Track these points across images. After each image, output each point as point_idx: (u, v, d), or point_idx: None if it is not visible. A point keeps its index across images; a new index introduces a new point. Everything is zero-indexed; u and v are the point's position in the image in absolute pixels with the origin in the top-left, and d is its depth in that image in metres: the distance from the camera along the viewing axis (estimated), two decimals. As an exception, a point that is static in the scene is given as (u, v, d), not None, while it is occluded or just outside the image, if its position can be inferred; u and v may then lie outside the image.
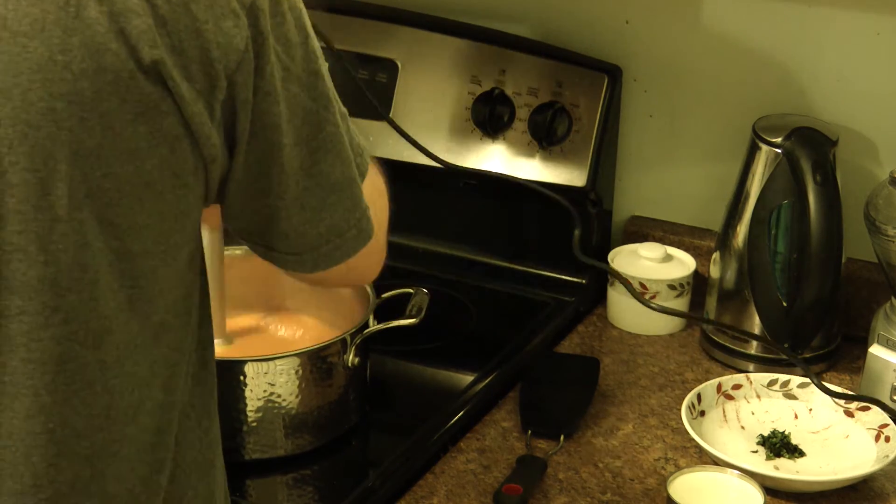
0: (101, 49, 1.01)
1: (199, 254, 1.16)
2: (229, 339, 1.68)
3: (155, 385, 1.12)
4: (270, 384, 1.54)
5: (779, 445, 1.63)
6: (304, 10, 1.13)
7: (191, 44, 1.03)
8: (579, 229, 1.84)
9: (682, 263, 1.92)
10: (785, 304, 1.77)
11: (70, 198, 1.02)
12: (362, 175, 1.20)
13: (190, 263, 1.13)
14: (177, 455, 1.17)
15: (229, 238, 1.54)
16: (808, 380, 1.71)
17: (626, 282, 1.78)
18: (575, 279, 1.97)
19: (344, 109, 1.18)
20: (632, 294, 1.75)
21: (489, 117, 1.93)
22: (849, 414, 1.67)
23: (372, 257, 1.26)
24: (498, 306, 1.97)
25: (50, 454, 1.07)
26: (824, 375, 1.79)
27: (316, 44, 1.14)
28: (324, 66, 1.14)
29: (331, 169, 1.15)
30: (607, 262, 1.90)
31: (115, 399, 1.09)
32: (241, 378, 1.53)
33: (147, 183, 1.05)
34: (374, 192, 1.23)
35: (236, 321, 1.72)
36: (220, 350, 1.64)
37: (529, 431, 1.64)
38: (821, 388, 1.65)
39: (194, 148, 1.07)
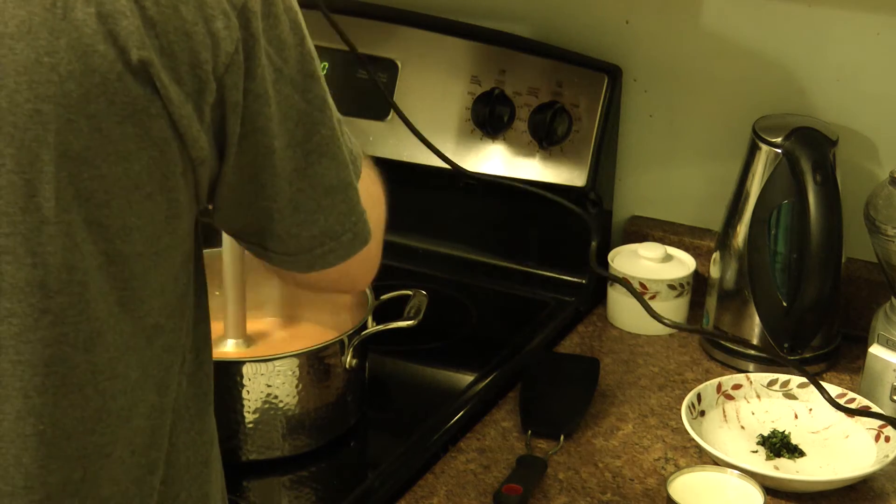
0: (89, 51, 1.00)
1: (194, 255, 1.15)
2: (249, 340, 1.68)
3: (148, 387, 1.12)
4: (268, 385, 1.54)
5: (779, 445, 1.63)
6: (299, 13, 1.12)
7: (180, 45, 1.03)
8: (596, 241, 1.83)
9: (682, 263, 1.92)
10: (785, 304, 1.77)
11: (57, 200, 1.02)
12: (357, 178, 1.19)
13: (184, 265, 1.13)
14: (170, 456, 1.16)
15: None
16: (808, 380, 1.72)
17: (635, 292, 1.77)
18: (575, 279, 1.97)
19: (339, 115, 1.17)
20: (642, 305, 1.73)
21: (489, 117, 1.94)
22: (849, 414, 1.67)
23: (365, 264, 1.25)
24: (498, 306, 1.97)
25: (40, 456, 1.07)
26: (824, 375, 1.80)
27: (312, 46, 1.12)
28: (320, 69, 1.13)
29: (326, 171, 1.14)
30: (607, 263, 1.90)
31: (108, 402, 1.09)
32: (239, 379, 1.53)
33: (136, 185, 1.04)
34: (368, 200, 1.22)
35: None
36: (220, 351, 1.64)
37: (529, 431, 1.64)
38: (826, 398, 1.65)
39: (183, 150, 1.06)
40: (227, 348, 1.65)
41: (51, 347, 1.05)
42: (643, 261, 1.90)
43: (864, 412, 1.64)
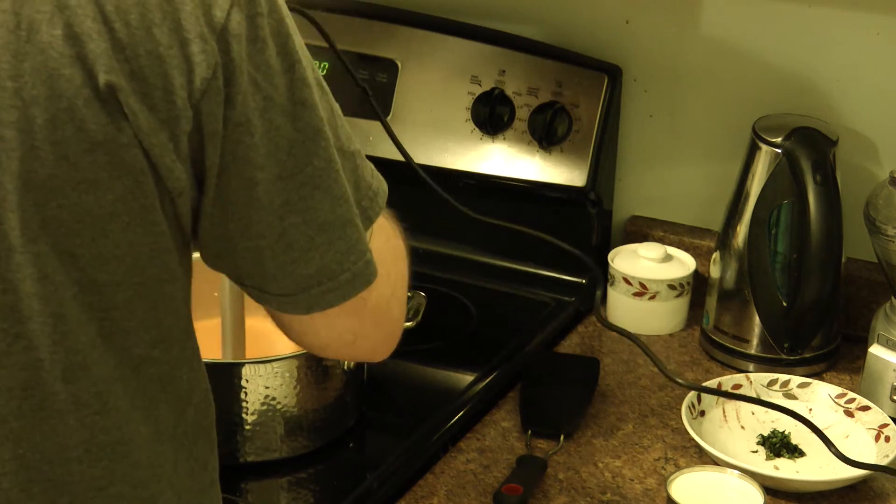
0: (55, 75, 0.96)
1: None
2: None
3: (139, 420, 1.08)
4: (267, 387, 1.53)
5: (779, 445, 1.63)
6: (293, 36, 1.06)
7: (151, 70, 0.98)
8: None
9: (682, 263, 1.92)
10: (785, 304, 1.77)
11: (23, 228, 0.98)
12: (369, 219, 1.13)
13: (185, 300, 1.09)
14: (172, 485, 1.13)
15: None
16: (808, 380, 1.71)
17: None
18: (575, 279, 1.97)
19: (352, 148, 1.11)
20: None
21: (489, 117, 1.93)
22: (849, 414, 1.67)
23: (384, 326, 1.20)
24: (498, 306, 1.97)
25: (21, 480, 1.04)
26: (824, 375, 1.80)
27: (307, 73, 1.06)
28: (315, 96, 1.07)
29: (319, 206, 1.07)
30: (607, 263, 1.90)
31: (97, 435, 1.06)
32: (238, 381, 1.53)
33: (111, 214, 1.00)
34: (387, 254, 1.17)
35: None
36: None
37: (529, 431, 1.64)
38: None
39: (158, 180, 1.01)
40: None
41: (26, 371, 1.02)
42: (643, 261, 1.90)
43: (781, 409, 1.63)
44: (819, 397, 1.69)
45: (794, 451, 1.63)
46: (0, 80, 0.96)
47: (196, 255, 1.12)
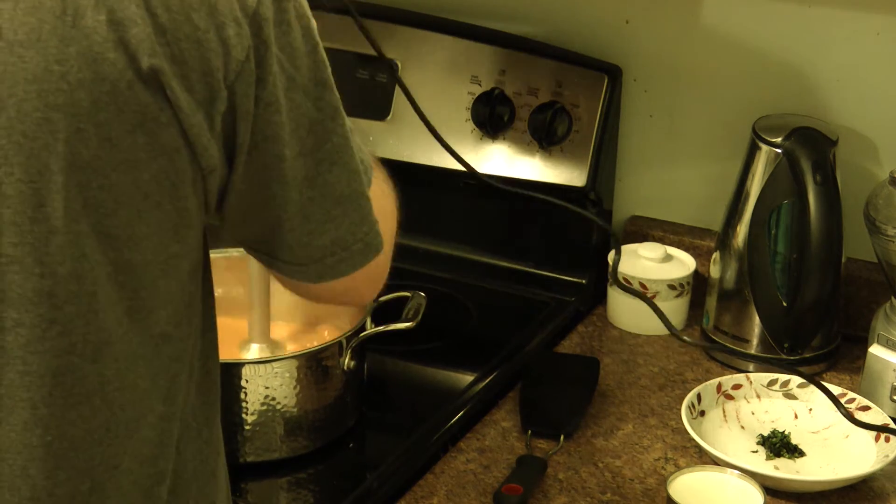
0: (99, 59, 1.00)
1: (202, 263, 1.14)
2: (274, 345, 1.66)
3: (155, 397, 1.11)
4: (266, 387, 1.54)
5: (779, 445, 1.63)
6: (313, 20, 1.11)
7: (191, 53, 1.02)
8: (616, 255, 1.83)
9: (682, 263, 1.92)
10: (785, 304, 1.77)
11: (66, 209, 1.01)
12: None
13: (192, 274, 1.12)
14: (177, 465, 1.15)
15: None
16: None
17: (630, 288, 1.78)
18: (575, 279, 1.97)
19: (350, 124, 1.16)
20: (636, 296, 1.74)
21: (489, 117, 1.94)
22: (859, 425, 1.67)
23: (373, 278, 1.24)
24: (498, 306, 1.97)
25: (48, 467, 1.06)
26: (824, 375, 1.80)
27: (324, 54, 1.11)
28: (331, 77, 1.12)
29: (336, 180, 1.13)
30: (607, 264, 1.90)
31: (116, 412, 1.08)
32: (238, 381, 1.53)
33: (146, 194, 1.04)
34: (378, 214, 1.21)
35: (233, 323, 1.72)
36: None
37: (529, 431, 1.64)
38: (844, 414, 1.65)
39: (193, 159, 1.05)
40: (252, 353, 1.64)
41: (59, 358, 1.04)
42: (643, 261, 1.90)
43: (875, 427, 1.63)
44: (819, 397, 1.69)
45: (794, 451, 1.63)
46: (47, 65, 0.99)
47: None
